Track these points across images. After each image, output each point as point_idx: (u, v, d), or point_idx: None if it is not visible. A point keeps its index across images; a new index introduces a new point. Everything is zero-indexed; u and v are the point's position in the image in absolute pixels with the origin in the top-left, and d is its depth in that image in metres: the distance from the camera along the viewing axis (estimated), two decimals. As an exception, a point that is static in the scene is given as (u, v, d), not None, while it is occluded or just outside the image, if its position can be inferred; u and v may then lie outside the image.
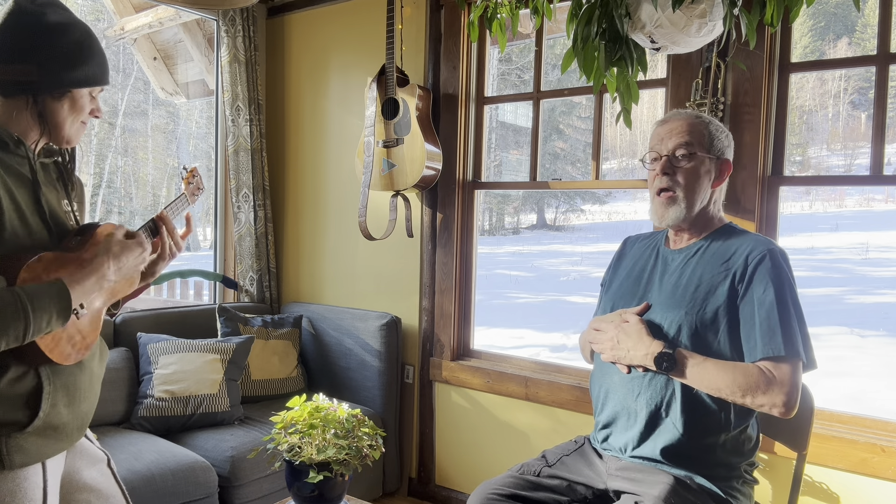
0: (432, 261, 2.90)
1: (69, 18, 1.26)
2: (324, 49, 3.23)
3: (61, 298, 1.12)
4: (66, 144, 1.31)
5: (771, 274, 1.48)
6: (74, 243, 1.26)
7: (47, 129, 1.25)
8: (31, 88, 1.21)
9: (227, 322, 2.90)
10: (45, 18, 1.22)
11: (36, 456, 1.19)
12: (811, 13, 17.58)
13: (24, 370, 1.16)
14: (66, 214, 1.31)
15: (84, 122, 1.30)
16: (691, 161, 1.58)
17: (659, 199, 1.61)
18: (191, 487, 2.19)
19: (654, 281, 1.66)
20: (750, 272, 1.50)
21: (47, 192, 1.28)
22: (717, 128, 1.63)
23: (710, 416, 1.51)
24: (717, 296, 1.52)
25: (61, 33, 1.23)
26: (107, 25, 4.14)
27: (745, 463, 1.57)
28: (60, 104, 1.24)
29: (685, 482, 1.50)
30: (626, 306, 1.67)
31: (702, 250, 1.61)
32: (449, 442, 2.89)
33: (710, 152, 1.60)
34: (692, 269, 1.60)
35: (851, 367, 7.76)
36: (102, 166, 14.30)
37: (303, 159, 3.35)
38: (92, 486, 1.37)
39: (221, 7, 3.02)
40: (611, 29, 1.61)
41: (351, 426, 1.79)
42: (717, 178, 1.62)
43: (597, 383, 1.71)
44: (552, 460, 1.68)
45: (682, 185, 1.58)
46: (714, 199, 1.65)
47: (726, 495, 1.50)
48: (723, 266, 1.55)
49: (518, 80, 17.04)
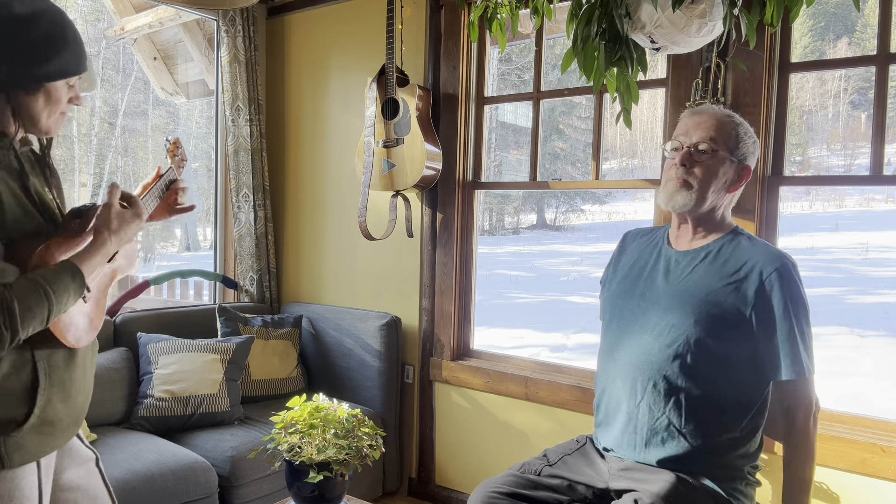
0: (432, 261, 2.90)
1: (38, 6, 1.20)
2: (324, 49, 3.23)
3: (75, 277, 1.16)
4: (45, 135, 1.29)
5: (788, 294, 1.48)
6: (74, 226, 1.26)
7: (22, 123, 1.24)
8: (1, 85, 1.18)
9: (227, 322, 2.90)
10: (11, 10, 1.17)
11: (34, 454, 1.19)
12: (811, 13, 17.58)
13: (20, 365, 1.16)
14: (51, 201, 1.31)
15: (64, 112, 1.28)
16: (713, 158, 1.56)
17: (672, 182, 1.58)
18: (191, 487, 2.19)
19: (655, 279, 1.63)
20: (767, 292, 1.48)
21: (35, 181, 1.28)
22: (747, 132, 1.60)
23: (717, 421, 1.51)
24: (730, 310, 1.50)
25: (29, 25, 1.18)
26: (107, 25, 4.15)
27: (748, 465, 1.57)
28: (35, 98, 1.22)
29: (687, 481, 1.50)
30: (626, 304, 1.66)
31: (710, 256, 1.58)
32: (449, 442, 2.89)
33: (733, 154, 1.57)
34: (700, 275, 1.57)
35: (851, 367, 7.76)
36: (102, 166, 14.29)
37: (303, 159, 3.35)
38: (79, 485, 1.37)
39: (221, 7, 3.02)
40: (611, 29, 1.61)
41: (351, 426, 1.79)
42: (734, 182, 1.59)
43: (600, 384, 1.71)
44: (553, 459, 1.67)
45: (697, 178, 1.56)
46: (726, 203, 1.62)
47: (728, 496, 1.50)
48: (734, 277, 1.52)
49: (518, 80, 17.05)
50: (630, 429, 1.58)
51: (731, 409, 1.52)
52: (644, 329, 1.59)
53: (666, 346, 1.54)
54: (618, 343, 1.65)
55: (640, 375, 1.57)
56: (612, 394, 1.64)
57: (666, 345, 1.54)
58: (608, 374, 1.66)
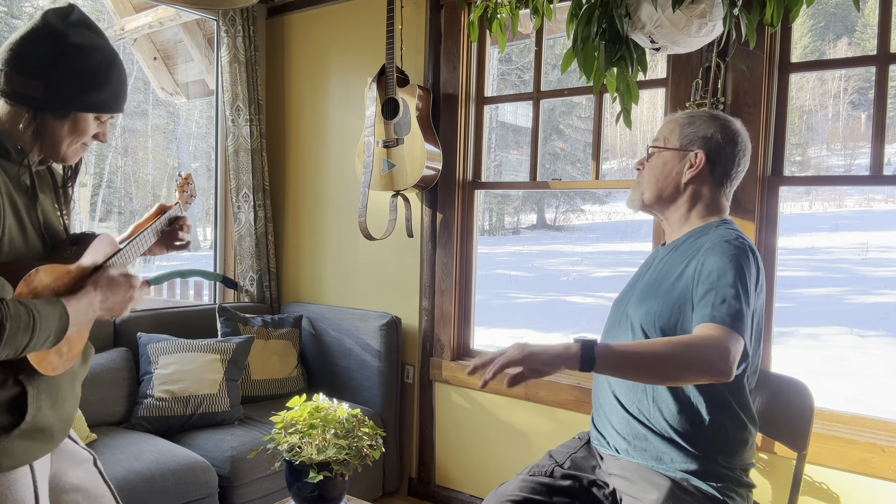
0: (432, 261, 2.90)
1: (95, 42, 1.24)
2: (324, 49, 3.23)
3: (61, 321, 1.15)
4: (62, 162, 1.30)
5: (720, 252, 1.45)
6: (69, 253, 1.27)
7: (40, 144, 1.25)
8: (32, 102, 1.21)
9: (227, 322, 2.90)
10: (67, 39, 1.21)
11: (22, 459, 1.19)
12: (811, 13, 17.59)
13: (6, 376, 1.16)
14: (58, 220, 1.32)
15: (86, 144, 1.30)
16: (657, 157, 1.65)
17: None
18: (191, 487, 2.19)
19: (641, 279, 1.68)
20: (703, 255, 1.48)
21: (43, 200, 1.29)
22: (695, 120, 1.60)
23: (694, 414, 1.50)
24: (679, 287, 1.50)
25: (80, 56, 1.22)
26: (107, 25, 4.12)
27: (739, 466, 1.56)
28: (61, 124, 1.24)
29: (682, 485, 1.49)
30: (618, 310, 1.68)
31: (679, 246, 1.61)
32: (449, 442, 2.89)
33: (678, 146, 1.60)
34: (666, 262, 1.61)
35: (851, 367, 7.76)
36: (102, 166, 14.30)
37: (303, 159, 3.35)
38: (79, 487, 1.38)
39: (221, 7, 3.02)
40: (611, 29, 1.61)
41: (351, 426, 1.79)
42: (687, 169, 1.59)
43: (596, 383, 1.71)
44: (560, 459, 1.67)
45: (644, 176, 1.67)
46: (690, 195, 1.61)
47: (723, 496, 1.50)
48: (686, 260, 1.54)
49: (518, 80, 17.05)
50: (616, 429, 1.59)
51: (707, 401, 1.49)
52: (623, 326, 1.61)
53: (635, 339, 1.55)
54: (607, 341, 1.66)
55: None
56: (599, 393, 1.67)
57: (633, 338, 1.55)
58: (598, 376, 1.67)
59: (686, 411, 1.51)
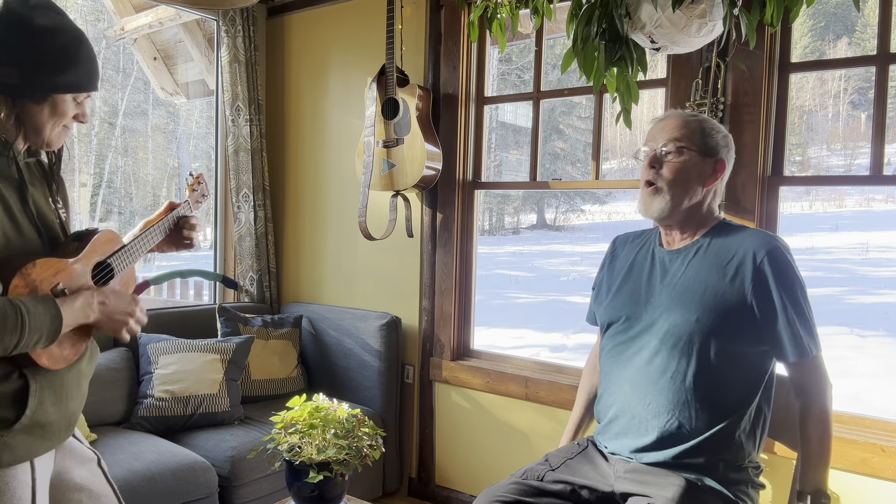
0: (432, 261, 2.90)
1: (60, 23, 1.24)
2: (324, 49, 3.23)
3: (54, 323, 1.14)
4: (45, 148, 1.30)
5: (783, 277, 1.49)
6: (72, 248, 1.26)
7: (24, 132, 1.24)
8: (10, 90, 1.20)
9: (227, 322, 2.90)
10: (33, 21, 1.20)
11: (23, 454, 1.19)
12: (811, 13, 17.58)
13: (10, 370, 1.16)
14: (53, 213, 1.32)
15: (67, 127, 1.29)
16: (679, 156, 1.58)
17: (645, 191, 1.63)
18: (191, 487, 2.19)
19: (654, 284, 1.64)
20: (764, 276, 1.49)
21: (34, 193, 1.28)
22: (713, 127, 1.61)
23: (727, 420, 1.51)
24: (732, 300, 1.50)
25: (47, 37, 1.21)
26: (107, 25, 4.13)
27: (752, 466, 1.57)
28: (41, 108, 1.23)
29: (696, 484, 1.50)
30: (634, 314, 1.64)
31: (702, 250, 1.59)
32: (449, 442, 2.89)
33: (701, 150, 1.58)
34: (695, 270, 1.57)
35: (851, 367, 7.76)
36: (102, 166, 14.29)
37: (303, 159, 3.35)
38: (83, 486, 1.37)
39: (221, 7, 3.02)
40: (611, 29, 1.61)
41: (351, 426, 1.79)
42: (709, 176, 1.60)
43: (604, 386, 1.70)
44: (556, 464, 1.67)
45: (665, 179, 1.58)
46: (708, 199, 1.63)
47: (736, 497, 1.50)
48: (729, 267, 1.53)
49: (518, 80, 17.04)
50: (640, 431, 1.58)
51: (739, 406, 1.52)
52: (650, 332, 1.59)
53: (672, 348, 1.54)
54: (624, 347, 1.65)
55: (648, 378, 1.57)
56: (620, 396, 1.63)
57: (671, 346, 1.54)
58: (614, 377, 1.66)
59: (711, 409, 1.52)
